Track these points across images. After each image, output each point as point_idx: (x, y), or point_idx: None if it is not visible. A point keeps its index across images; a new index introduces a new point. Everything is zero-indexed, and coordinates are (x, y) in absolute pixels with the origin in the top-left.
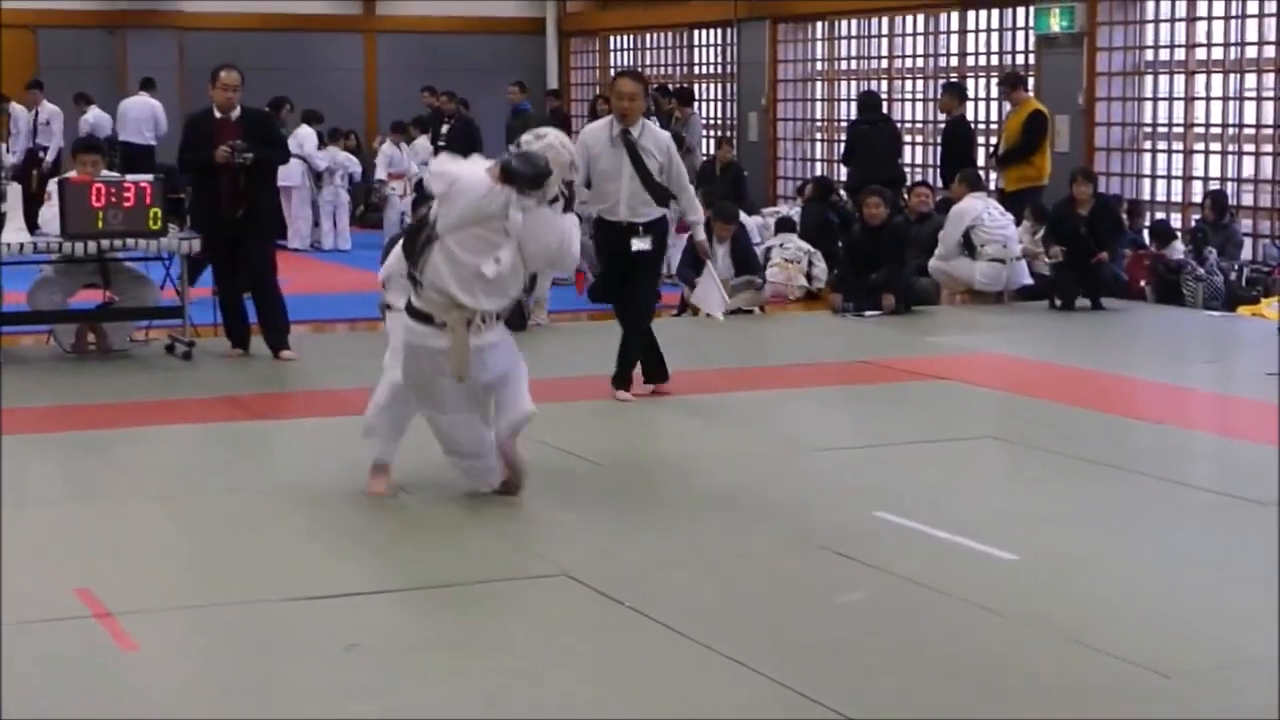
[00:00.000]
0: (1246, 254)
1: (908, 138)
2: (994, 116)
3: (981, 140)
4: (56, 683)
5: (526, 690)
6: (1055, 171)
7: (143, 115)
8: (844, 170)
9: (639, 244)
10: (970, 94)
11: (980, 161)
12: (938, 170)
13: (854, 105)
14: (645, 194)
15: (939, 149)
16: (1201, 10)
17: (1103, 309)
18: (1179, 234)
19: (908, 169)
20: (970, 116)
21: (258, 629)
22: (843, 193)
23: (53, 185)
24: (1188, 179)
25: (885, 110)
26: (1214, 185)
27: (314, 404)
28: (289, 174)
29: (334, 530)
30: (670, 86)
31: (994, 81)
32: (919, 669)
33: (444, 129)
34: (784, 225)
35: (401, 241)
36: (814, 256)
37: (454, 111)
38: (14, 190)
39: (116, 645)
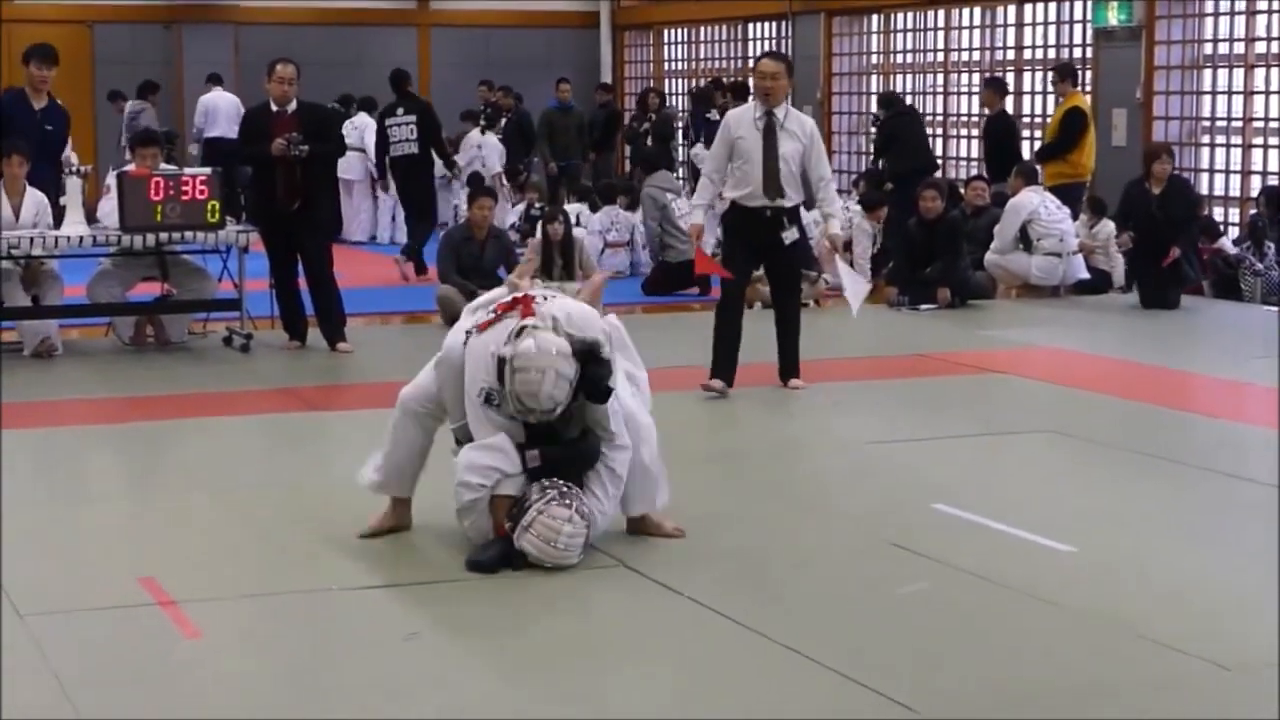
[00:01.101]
0: None
1: (964, 131)
2: (1050, 110)
3: (1039, 134)
4: (122, 668)
5: (587, 680)
6: (1111, 166)
7: (230, 110)
8: (875, 163)
9: (790, 235)
10: (1027, 88)
11: (1027, 155)
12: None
13: (888, 101)
14: (790, 177)
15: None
16: (1261, 4)
17: (1179, 308)
18: (1232, 227)
19: (964, 163)
20: (1027, 110)
21: (319, 618)
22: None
23: (111, 178)
24: (1246, 173)
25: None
26: (1273, 180)
27: (370, 396)
28: (349, 167)
29: None
30: (724, 80)
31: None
32: (978, 660)
33: (502, 123)
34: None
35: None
36: (857, 232)
37: (511, 107)
38: (73, 184)
39: (180, 632)
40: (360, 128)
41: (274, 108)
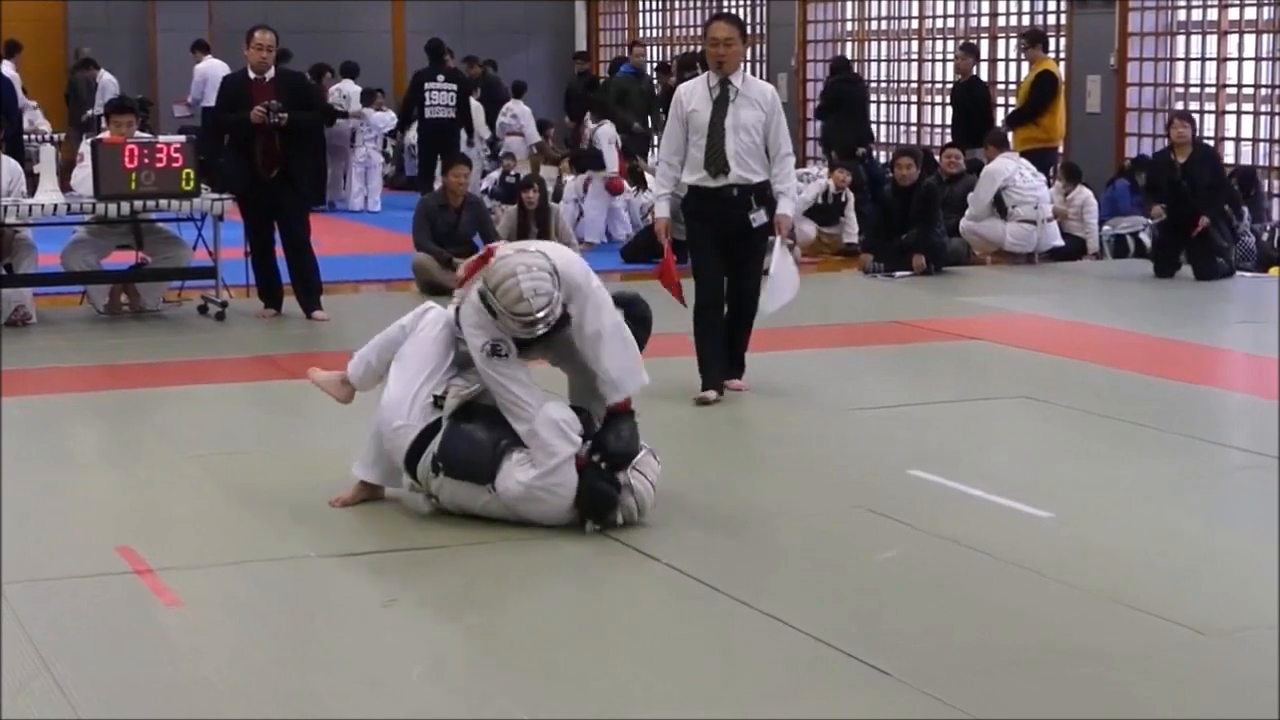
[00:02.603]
0: (1277, 215)
1: (939, 98)
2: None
3: (1015, 102)
4: (100, 638)
5: (563, 646)
6: (1085, 133)
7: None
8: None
9: (758, 217)
10: (1001, 55)
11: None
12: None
13: (838, 66)
14: (756, 150)
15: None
16: None
17: (1210, 280)
18: None
19: (939, 130)
20: (1001, 77)
21: (297, 585)
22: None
23: (86, 147)
24: (1219, 139)
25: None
26: (1245, 145)
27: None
28: (339, 133)
29: None
30: (699, 49)
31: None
32: (954, 625)
33: (478, 92)
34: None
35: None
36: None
37: (480, 74)
38: (47, 152)
39: (159, 601)
40: (349, 95)
41: (252, 75)
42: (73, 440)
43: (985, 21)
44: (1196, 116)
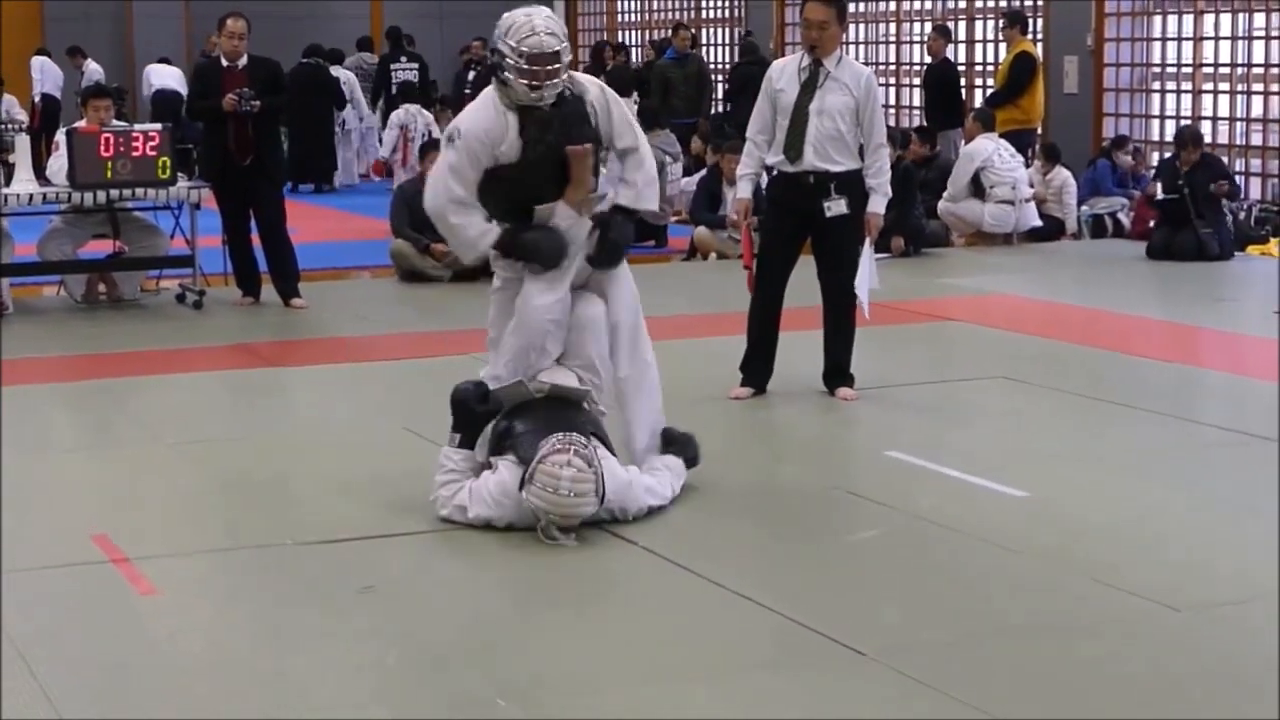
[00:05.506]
0: (1255, 193)
1: (915, 80)
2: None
3: (991, 83)
4: (76, 627)
5: (541, 629)
6: (1062, 114)
7: (176, 72)
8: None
9: (834, 206)
10: (979, 36)
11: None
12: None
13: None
14: (840, 138)
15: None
16: None
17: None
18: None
19: (916, 112)
20: (979, 58)
21: (273, 572)
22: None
23: (61, 135)
24: (1196, 119)
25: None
26: (1223, 125)
27: (326, 351)
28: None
29: (346, 475)
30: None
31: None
32: (929, 604)
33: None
34: None
35: None
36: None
37: (482, 58)
38: (22, 141)
39: (134, 589)
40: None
41: (224, 63)
42: (49, 429)
43: (963, 3)
44: (1174, 96)
